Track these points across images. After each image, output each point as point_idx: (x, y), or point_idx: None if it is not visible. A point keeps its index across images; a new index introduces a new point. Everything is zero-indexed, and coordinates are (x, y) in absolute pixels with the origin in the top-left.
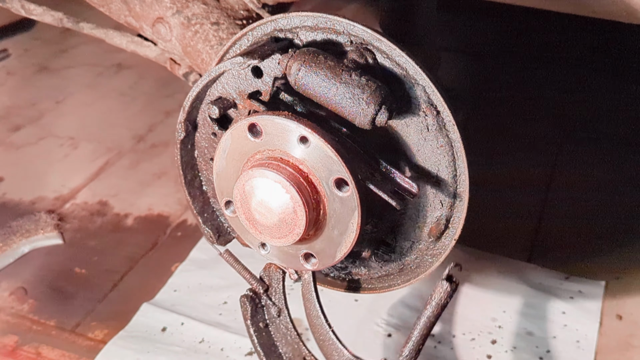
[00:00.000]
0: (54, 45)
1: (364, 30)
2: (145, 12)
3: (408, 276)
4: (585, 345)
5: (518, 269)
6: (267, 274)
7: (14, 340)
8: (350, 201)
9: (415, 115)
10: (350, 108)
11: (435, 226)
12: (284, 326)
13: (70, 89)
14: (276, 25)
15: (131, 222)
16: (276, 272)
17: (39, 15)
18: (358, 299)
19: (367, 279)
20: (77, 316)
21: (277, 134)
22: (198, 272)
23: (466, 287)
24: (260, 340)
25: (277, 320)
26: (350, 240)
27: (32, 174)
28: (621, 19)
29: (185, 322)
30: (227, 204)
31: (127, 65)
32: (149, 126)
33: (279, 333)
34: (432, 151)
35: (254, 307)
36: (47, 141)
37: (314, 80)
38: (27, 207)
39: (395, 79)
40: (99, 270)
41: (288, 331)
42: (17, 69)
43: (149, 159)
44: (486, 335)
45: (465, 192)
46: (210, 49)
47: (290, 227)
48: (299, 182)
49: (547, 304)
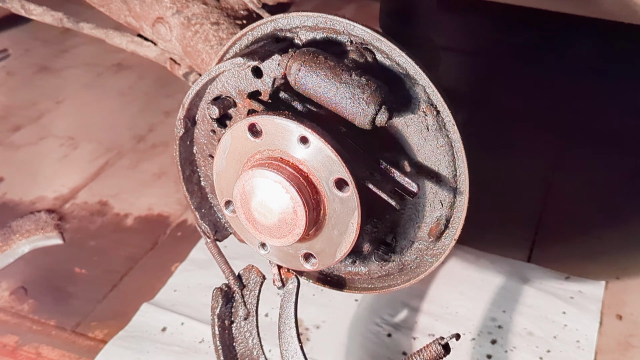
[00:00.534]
0: (54, 45)
1: (364, 30)
2: (145, 12)
3: (408, 276)
4: (585, 345)
5: (518, 269)
6: (247, 275)
7: (14, 340)
8: (350, 201)
9: (415, 115)
10: (350, 108)
11: (435, 226)
12: (248, 329)
13: (70, 89)
14: (276, 25)
15: (131, 222)
16: (256, 276)
17: (39, 15)
18: (358, 299)
19: (367, 279)
20: (77, 316)
21: (277, 134)
22: (198, 272)
23: (466, 287)
24: (222, 337)
25: (243, 322)
26: (350, 240)
27: (32, 174)
28: (621, 19)
29: (185, 322)
30: (226, 204)
31: (127, 65)
32: (149, 126)
33: (240, 335)
34: (432, 151)
35: (225, 302)
36: (47, 141)
37: (314, 80)
38: (27, 207)
39: (395, 79)
40: (99, 270)
41: (251, 335)
42: (17, 69)
43: (149, 159)
44: (486, 335)
45: (465, 192)
46: (210, 49)
47: (290, 227)
48: (299, 182)
49: (547, 304)
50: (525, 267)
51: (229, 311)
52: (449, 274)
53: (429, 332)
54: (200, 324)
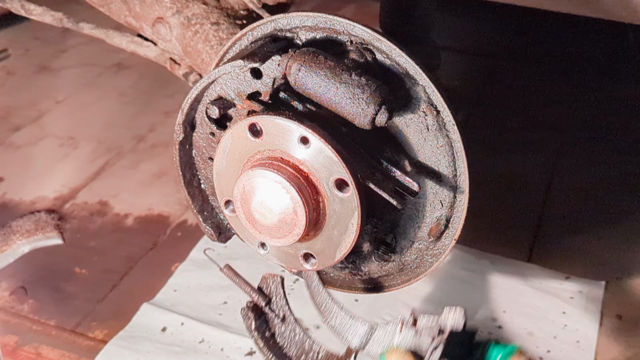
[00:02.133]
0: (54, 45)
1: (364, 30)
2: (145, 12)
3: (408, 276)
4: (585, 345)
5: (518, 269)
6: (266, 284)
7: (14, 340)
8: (351, 202)
9: (415, 115)
10: (350, 108)
11: (435, 226)
12: (290, 329)
13: (70, 88)
14: (276, 25)
15: (131, 222)
16: (274, 281)
17: (39, 15)
18: (358, 299)
19: (367, 279)
20: (77, 316)
21: (277, 134)
22: (198, 272)
23: (466, 287)
24: (273, 349)
25: (283, 327)
26: (350, 240)
27: (32, 174)
28: (621, 19)
29: (185, 322)
30: (226, 204)
31: (127, 65)
32: (149, 126)
33: (286, 338)
34: (432, 151)
35: (257, 317)
36: (47, 141)
37: (314, 80)
38: (27, 207)
39: (395, 78)
40: (99, 270)
41: (295, 333)
42: (17, 69)
43: (149, 159)
44: (486, 335)
45: (465, 192)
46: (210, 49)
47: (290, 227)
48: (299, 183)
49: (547, 304)
50: (525, 267)
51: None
52: (449, 274)
53: None
54: (200, 324)
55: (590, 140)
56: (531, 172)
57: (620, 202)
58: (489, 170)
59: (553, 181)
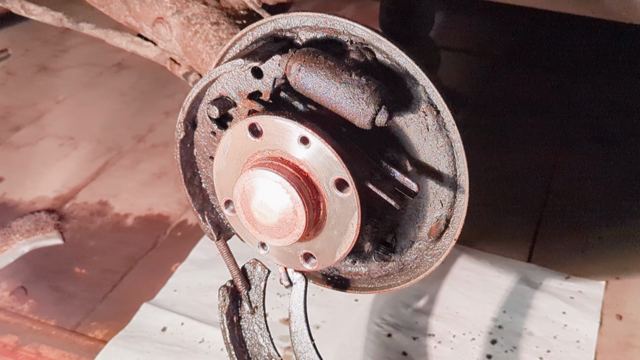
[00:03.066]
0: (54, 45)
1: (364, 30)
2: (145, 12)
3: (408, 276)
4: (585, 345)
5: (518, 269)
6: (251, 269)
7: (14, 340)
8: (350, 202)
9: (415, 115)
10: (350, 108)
11: (435, 226)
12: (256, 325)
13: (70, 88)
14: (276, 25)
15: (131, 222)
16: (261, 270)
17: (39, 15)
18: (358, 299)
19: (367, 279)
20: (77, 316)
21: (277, 134)
22: (198, 272)
23: (466, 287)
24: (232, 334)
25: (251, 317)
26: (350, 240)
27: (32, 174)
28: (621, 19)
29: (185, 322)
30: (226, 203)
31: (127, 65)
32: (149, 126)
33: (250, 331)
34: (432, 151)
35: (232, 299)
36: (47, 141)
37: (314, 80)
38: (27, 207)
39: (395, 79)
40: (99, 270)
41: (260, 330)
42: (17, 69)
43: (149, 159)
44: (486, 335)
45: (465, 192)
46: (210, 49)
47: (290, 227)
48: (299, 183)
49: (547, 304)
50: (525, 267)
51: (235, 308)
52: (449, 274)
53: (429, 332)
54: (200, 324)
55: (590, 140)
56: (531, 172)
57: (620, 202)
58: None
59: (553, 181)
